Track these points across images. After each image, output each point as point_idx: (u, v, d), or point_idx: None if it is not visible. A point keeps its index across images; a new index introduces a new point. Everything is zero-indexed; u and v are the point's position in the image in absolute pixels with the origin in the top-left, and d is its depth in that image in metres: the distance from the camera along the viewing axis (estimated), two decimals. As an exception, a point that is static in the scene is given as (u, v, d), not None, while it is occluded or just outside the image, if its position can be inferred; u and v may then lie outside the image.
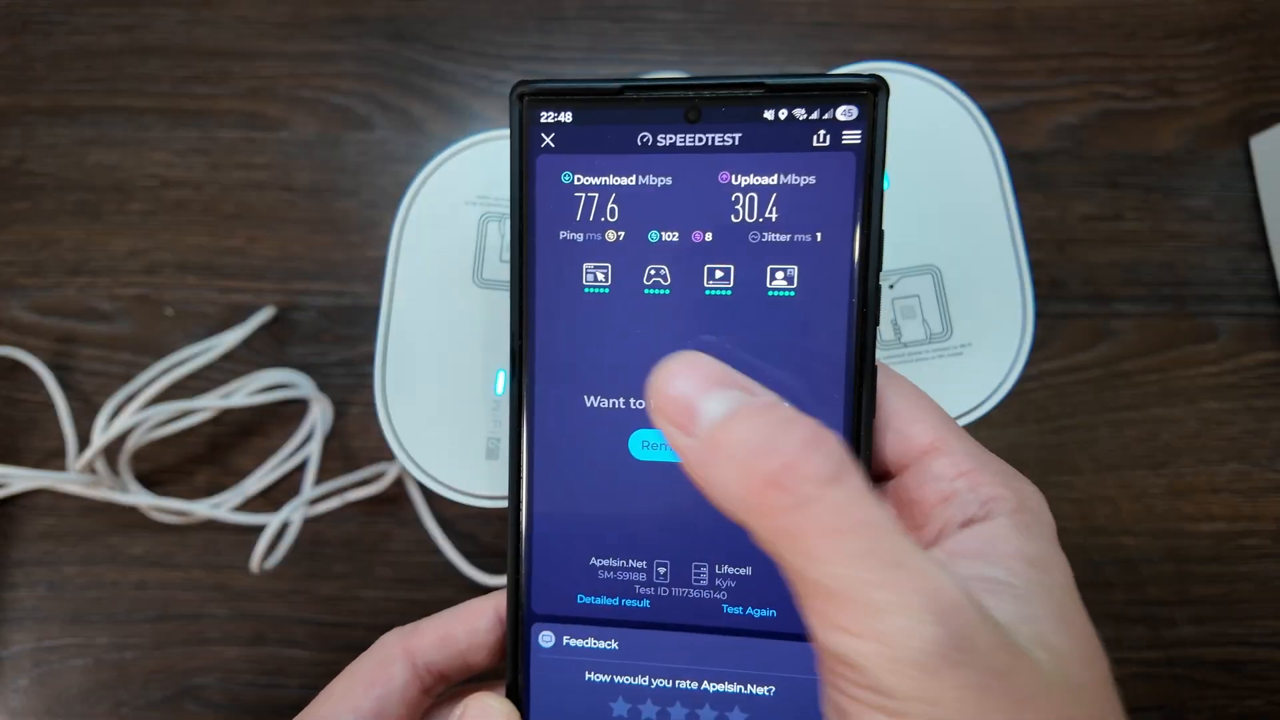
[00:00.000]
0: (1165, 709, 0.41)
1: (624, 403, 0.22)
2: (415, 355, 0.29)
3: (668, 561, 0.23)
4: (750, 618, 0.22)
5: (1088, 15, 0.46)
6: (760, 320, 0.22)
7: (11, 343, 0.43)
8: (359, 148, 0.46)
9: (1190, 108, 0.46)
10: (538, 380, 0.23)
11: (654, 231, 0.22)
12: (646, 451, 0.22)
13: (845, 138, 0.21)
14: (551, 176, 0.22)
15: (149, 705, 0.41)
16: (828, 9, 0.47)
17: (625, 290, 0.22)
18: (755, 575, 0.22)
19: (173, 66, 0.47)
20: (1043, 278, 0.44)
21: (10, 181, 0.46)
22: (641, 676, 0.23)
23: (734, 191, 0.21)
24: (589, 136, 0.22)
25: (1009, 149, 0.29)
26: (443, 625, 0.23)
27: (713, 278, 0.22)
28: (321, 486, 0.41)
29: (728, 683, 0.22)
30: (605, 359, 0.22)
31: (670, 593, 0.23)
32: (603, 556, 0.23)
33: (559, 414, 0.23)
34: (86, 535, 0.42)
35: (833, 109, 0.21)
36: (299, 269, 0.44)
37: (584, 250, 0.22)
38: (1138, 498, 0.42)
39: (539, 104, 0.22)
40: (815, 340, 0.21)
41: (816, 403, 0.22)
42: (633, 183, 0.22)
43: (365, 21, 0.47)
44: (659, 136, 0.22)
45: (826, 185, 0.21)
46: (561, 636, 0.23)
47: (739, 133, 0.21)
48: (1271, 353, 0.43)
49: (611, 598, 0.23)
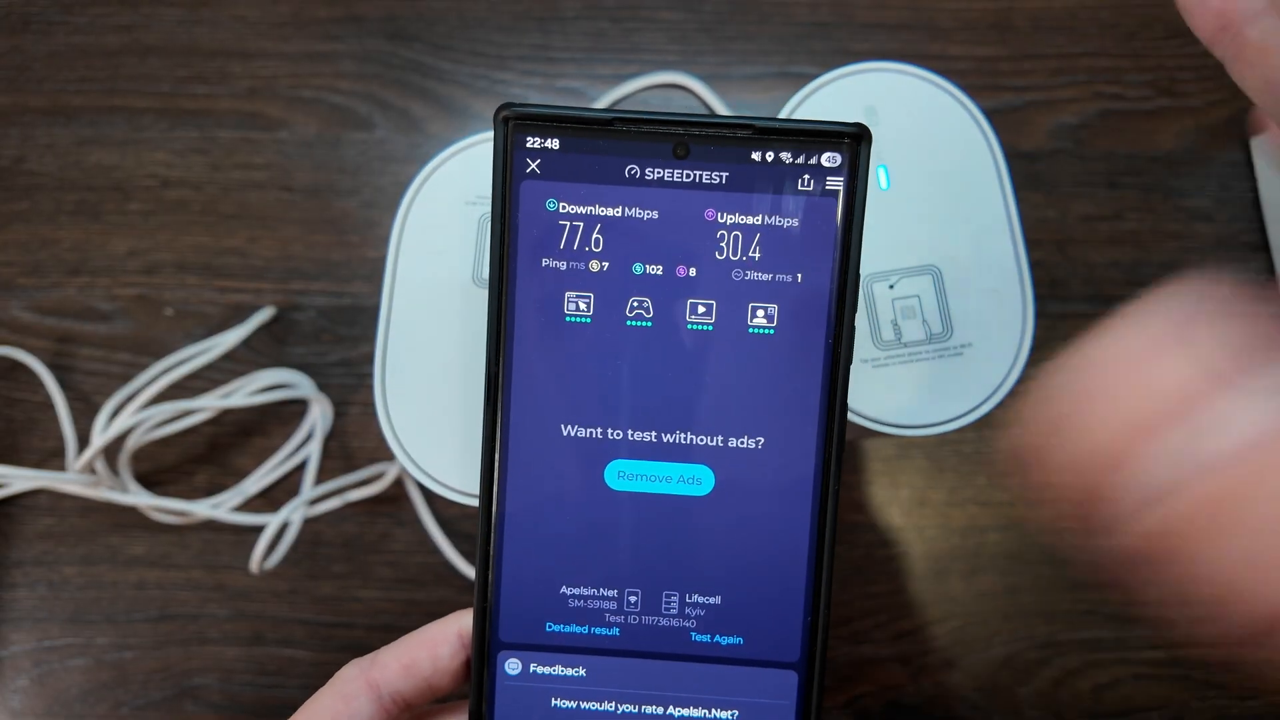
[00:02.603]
0: (1166, 710, 0.41)
1: (601, 432, 0.23)
2: (415, 355, 0.29)
3: (639, 590, 0.23)
4: (718, 645, 0.23)
5: (1088, 15, 0.46)
6: (740, 356, 0.22)
7: (11, 343, 0.43)
8: (358, 148, 0.46)
9: (1190, 108, 0.45)
10: (514, 406, 0.23)
11: (638, 264, 0.22)
12: (622, 481, 0.23)
13: (829, 184, 0.22)
14: (536, 202, 0.22)
15: (148, 705, 0.41)
16: (827, 9, 0.46)
17: (607, 321, 0.22)
18: (725, 603, 0.23)
19: (172, 66, 0.47)
20: (1043, 278, 0.44)
21: (9, 181, 0.46)
22: (608, 703, 0.23)
23: (719, 229, 0.22)
24: (575, 165, 0.22)
25: (1009, 149, 0.29)
26: (405, 654, 0.23)
27: (695, 312, 0.22)
28: (321, 487, 0.41)
29: (692, 707, 0.23)
30: (584, 388, 0.22)
31: (640, 621, 0.23)
32: (574, 585, 0.23)
33: (534, 441, 0.23)
34: (86, 535, 0.42)
35: (818, 155, 0.21)
36: (298, 269, 0.44)
37: (566, 279, 0.22)
38: (1138, 498, 0.42)
39: (525, 129, 0.22)
40: (792, 377, 0.22)
41: (790, 437, 0.22)
42: (619, 214, 0.22)
43: (364, 21, 0.47)
44: (647, 170, 0.22)
45: (809, 229, 0.22)
46: (529, 664, 0.23)
47: (726, 171, 0.22)
48: (1271, 353, 0.43)
49: (581, 626, 0.23)
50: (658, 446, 0.23)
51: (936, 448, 0.42)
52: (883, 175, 0.28)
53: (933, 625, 0.41)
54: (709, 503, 0.23)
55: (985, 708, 0.41)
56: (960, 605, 0.41)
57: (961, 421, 0.27)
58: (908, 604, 0.41)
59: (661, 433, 0.23)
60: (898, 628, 0.41)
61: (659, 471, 0.23)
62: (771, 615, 0.23)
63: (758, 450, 0.22)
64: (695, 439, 0.23)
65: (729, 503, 0.23)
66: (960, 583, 0.42)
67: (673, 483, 0.23)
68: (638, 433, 0.23)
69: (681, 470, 0.23)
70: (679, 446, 0.23)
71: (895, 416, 0.27)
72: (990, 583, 0.41)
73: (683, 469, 0.23)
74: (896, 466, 0.43)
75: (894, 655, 0.41)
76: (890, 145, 0.28)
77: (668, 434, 0.23)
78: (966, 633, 0.41)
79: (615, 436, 0.23)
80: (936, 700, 0.41)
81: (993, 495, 0.42)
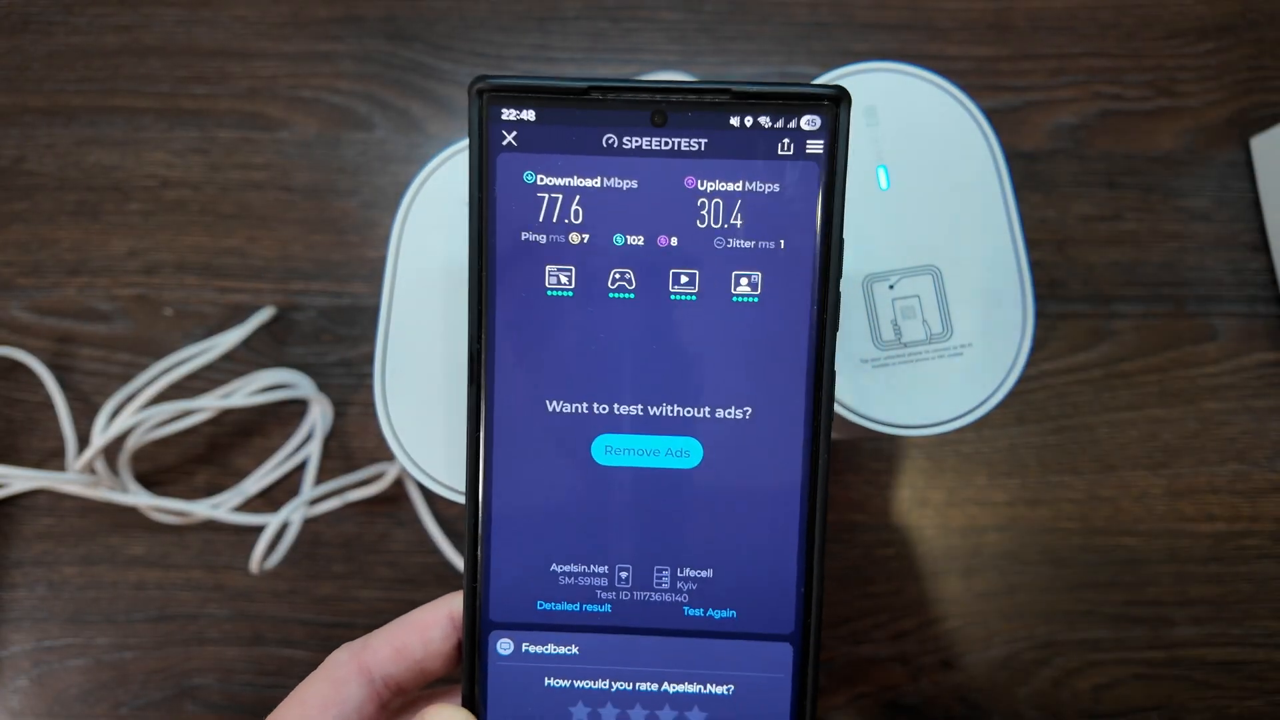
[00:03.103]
0: (1165, 709, 0.41)
1: (587, 407, 0.22)
2: (415, 355, 0.29)
3: (630, 566, 0.23)
4: (711, 619, 0.23)
5: (1087, 15, 0.46)
6: (725, 325, 0.22)
7: (11, 343, 0.43)
8: (358, 148, 0.46)
9: (1190, 108, 0.46)
10: (497, 384, 0.22)
11: (619, 235, 0.22)
12: (610, 456, 0.22)
13: (809, 147, 0.21)
14: (513, 175, 0.22)
15: (148, 705, 0.41)
16: (827, 9, 0.47)
17: (589, 294, 0.22)
18: (717, 577, 0.23)
19: (171, 66, 0.47)
20: (1043, 278, 0.44)
21: (9, 182, 0.46)
22: (602, 680, 0.23)
23: (699, 197, 0.22)
24: (552, 136, 0.21)
25: (1009, 149, 0.29)
26: (396, 637, 0.23)
27: (678, 283, 0.22)
28: (321, 487, 0.41)
29: (688, 683, 0.23)
30: (568, 363, 0.22)
31: (632, 597, 0.23)
32: (564, 562, 0.23)
33: (519, 418, 0.22)
34: (86, 535, 0.42)
35: (797, 118, 0.21)
36: (298, 269, 0.44)
37: (547, 252, 0.22)
38: (1137, 498, 0.42)
39: (500, 100, 0.21)
40: (778, 345, 0.22)
41: (778, 406, 0.22)
42: (598, 185, 0.22)
43: (364, 21, 0.47)
44: (625, 139, 0.21)
45: (790, 193, 0.21)
46: (520, 644, 0.23)
47: (705, 138, 0.21)
48: (1271, 353, 0.43)
49: (572, 603, 0.23)
50: (644, 419, 0.22)
51: (936, 448, 0.43)
52: (883, 175, 0.28)
53: (932, 625, 0.41)
54: (698, 475, 0.22)
55: (984, 708, 0.41)
56: (959, 605, 0.41)
57: (961, 421, 0.27)
58: (907, 604, 0.41)
59: (648, 405, 0.22)
60: (897, 628, 0.41)
61: (646, 445, 0.22)
62: (764, 587, 0.23)
63: (745, 420, 0.22)
64: (682, 411, 0.22)
65: (718, 474, 0.22)
66: (959, 583, 0.42)
67: (661, 456, 0.22)
68: (624, 406, 0.22)
69: (669, 443, 0.22)
70: (666, 419, 0.22)
71: (895, 416, 0.27)
72: (989, 583, 0.41)
73: (670, 441, 0.22)
74: (896, 466, 0.43)
75: (894, 655, 0.41)
76: (890, 145, 0.28)
77: (654, 407, 0.22)
78: (965, 633, 0.41)
79: (601, 411, 0.22)
80: (936, 700, 0.41)
81: (992, 495, 0.42)
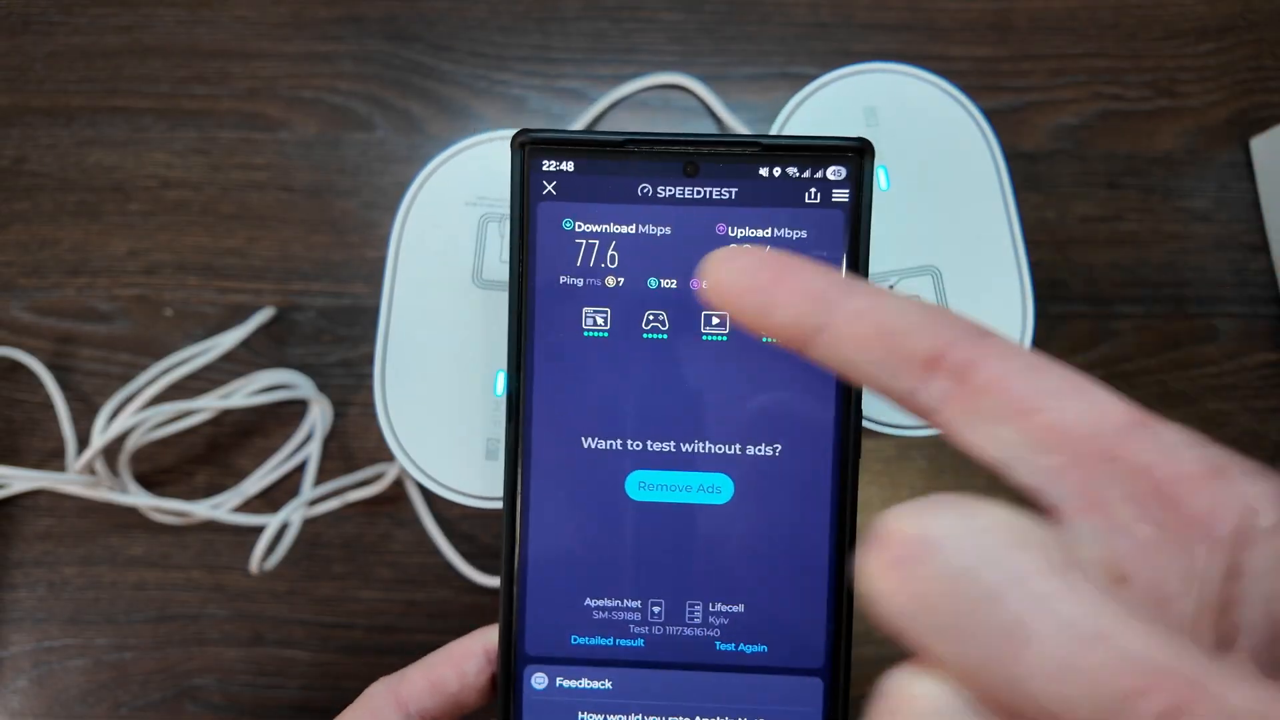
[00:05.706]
0: (1165, 710, 0.40)
1: (621, 444, 0.23)
2: (415, 355, 0.29)
3: (663, 601, 0.23)
4: (742, 654, 0.23)
5: (1087, 16, 0.46)
6: (754, 364, 0.23)
7: (11, 343, 0.43)
8: (358, 148, 0.46)
9: (1190, 108, 0.46)
10: (535, 421, 0.23)
11: (653, 279, 0.23)
12: (643, 491, 0.23)
13: (834, 196, 0.22)
14: (553, 222, 0.23)
15: (148, 706, 0.41)
16: (827, 9, 0.46)
17: (624, 334, 0.23)
18: (748, 611, 0.23)
19: (172, 67, 0.47)
20: (1043, 278, 0.44)
21: (10, 182, 0.46)
22: (635, 715, 0.23)
23: (730, 243, 0.22)
24: (590, 186, 0.23)
25: (1009, 149, 0.29)
26: (432, 671, 0.23)
27: (709, 324, 0.23)
28: (321, 487, 0.41)
29: (719, 717, 0.23)
30: (603, 401, 0.23)
31: (665, 631, 0.23)
32: (598, 597, 0.23)
33: (556, 455, 0.23)
34: (85, 536, 0.42)
35: (823, 169, 0.22)
36: (298, 269, 0.44)
37: (584, 295, 0.23)
38: (1138, 498, 0.42)
39: (541, 152, 0.23)
40: (805, 383, 0.23)
41: (806, 443, 0.23)
42: (633, 231, 0.23)
43: (364, 22, 0.47)
44: (659, 188, 0.22)
45: (816, 238, 0.22)
46: (555, 678, 0.23)
47: (735, 187, 0.22)
48: (1271, 354, 0.43)
49: (606, 638, 0.23)
50: (677, 456, 0.23)
51: (936, 448, 0.42)
52: (883, 175, 0.28)
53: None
54: (729, 511, 0.23)
55: (985, 708, 0.41)
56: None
57: (961, 422, 0.27)
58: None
59: (680, 442, 0.23)
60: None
61: (679, 481, 0.23)
62: (795, 622, 0.23)
63: (775, 457, 0.23)
64: (713, 448, 0.23)
65: (749, 510, 0.23)
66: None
67: (693, 491, 0.23)
68: (657, 443, 0.23)
69: (701, 479, 0.23)
70: (698, 455, 0.23)
71: (895, 417, 0.27)
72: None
73: (702, 478, 0.23)
74: (896, 467, 0.42)
75: (893, 655, 0.41)
76: (890, 145, 0.28)
77: (686, 444, 0.23)
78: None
79: (635, 447, 0.23)
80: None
81: (992, 496, 0.42)
